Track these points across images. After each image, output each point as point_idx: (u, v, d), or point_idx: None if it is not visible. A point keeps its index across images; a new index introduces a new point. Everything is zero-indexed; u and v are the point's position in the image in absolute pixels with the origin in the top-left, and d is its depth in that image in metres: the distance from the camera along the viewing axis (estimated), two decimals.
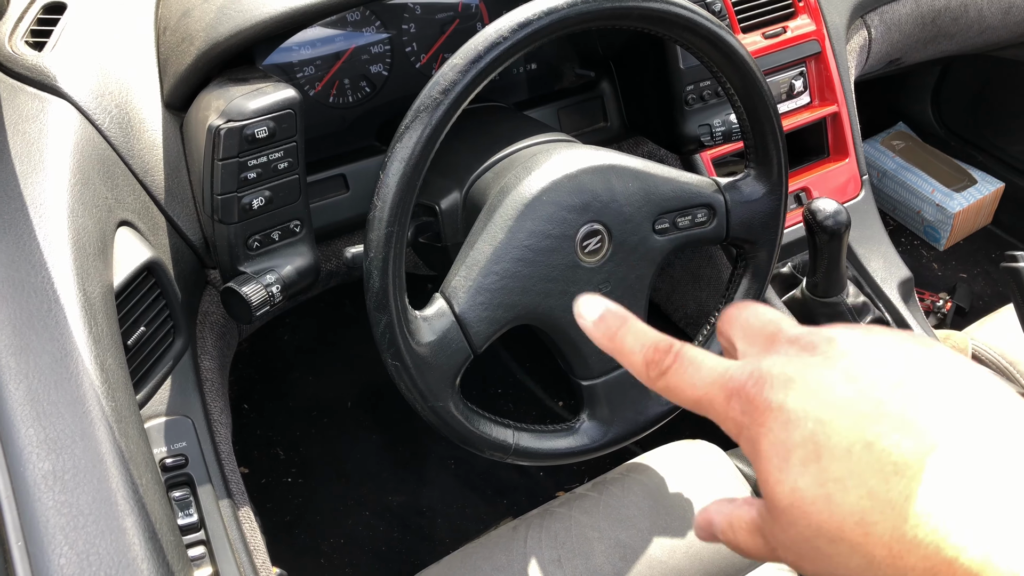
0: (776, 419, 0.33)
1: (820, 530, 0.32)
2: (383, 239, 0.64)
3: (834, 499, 0.31)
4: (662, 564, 0.86)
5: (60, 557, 0.46)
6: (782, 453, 0.32)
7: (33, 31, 0.80)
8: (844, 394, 0.32)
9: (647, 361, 0.38)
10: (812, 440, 0.32)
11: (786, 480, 0.32)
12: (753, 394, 0.34)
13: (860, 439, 0.30)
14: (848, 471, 0.30)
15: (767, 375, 0.34)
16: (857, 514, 0.30)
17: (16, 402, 0.51)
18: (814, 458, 0.31)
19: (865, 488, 0.30)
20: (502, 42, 0.64)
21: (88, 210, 0.67)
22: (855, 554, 0.31)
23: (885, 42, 1.30)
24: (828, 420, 0.31)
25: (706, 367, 0.36)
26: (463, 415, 0.71)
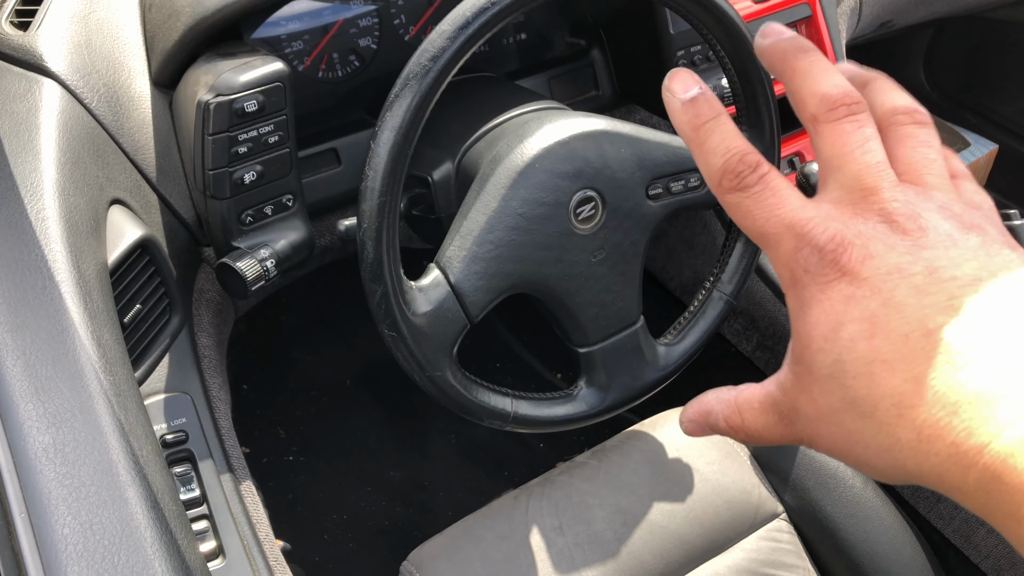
0: (841, 290, 0.32)
1: (853, 404, 0.31)
2: (376, 209, 0.64)
3: (877, 378, 0.30)
4: (662, 528, 0.87)
5: (64, 527, 0.46)
6: (834, 323, 0.32)
7: (18, 11, 0.80)
8: (919, 283, 0.31)
9: (727, 168, 0.35)
10: (871, 319, 0.31)
11: (831, 350, 0.32)
12: (829, 256, 0.32)
13: (921, 328, 0.30)
14: (900, 355, 0.30)
15: (850, 243, 0.32)
16: (896, 395, 0.30)
17: (14, 378, 0.51)
18: (867, 335, 0.31)
19: (912, 373, 0.30)
20: (490, 7, 0.63)
21: (79, 189, 0.67)
22: (881, 433, 0.31)
23: (876, 4, 1.29)
24: (894, 304, 0.31)
25: (789, 204, 0.34)
26: (461, 384, 0.72)
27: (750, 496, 0.91)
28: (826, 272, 0.32)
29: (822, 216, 0.33)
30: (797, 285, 0.34)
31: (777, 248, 0.34)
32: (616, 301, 0.77)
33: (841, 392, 0.32)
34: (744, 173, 0.34)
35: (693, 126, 0.36)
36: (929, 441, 0.29)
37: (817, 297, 0.33)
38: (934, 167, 0.35)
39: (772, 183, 0.34)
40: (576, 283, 0.74)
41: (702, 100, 0.36)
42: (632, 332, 0.79)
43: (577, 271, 0.74)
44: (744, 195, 0.34)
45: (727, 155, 0.35)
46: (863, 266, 0.32)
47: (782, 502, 0.92)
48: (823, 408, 0.33)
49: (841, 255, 0.32)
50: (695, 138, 0.36)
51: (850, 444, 0.32)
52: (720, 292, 0.84)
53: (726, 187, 0.35)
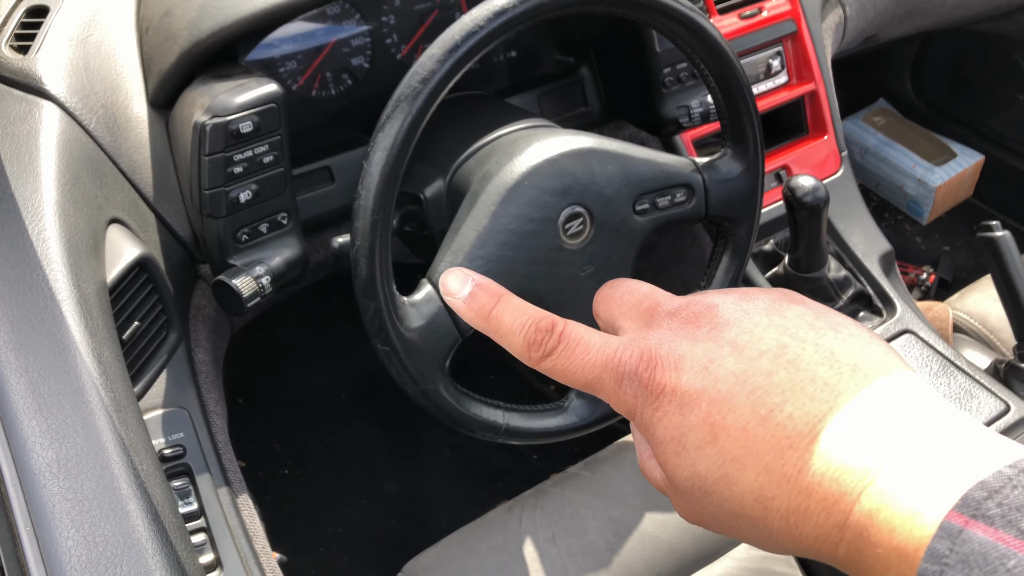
0: (671, 402, 0.32)
1: (722, 507, 0.32)
2: (369, 227, 0.65)
3: (733, 479, 0.31)
4: (654, 539, 0.89)
5: (67, 540, 0.47)
6: (678, 437, 0.32)
7: (17, 35, 0.81)
8: (733, 368, 0.31)
9: (529, 342, 0.36)
10: (707, 421, 0.31)
11: (684, 464, 0.32)
12: (646, 378, 0.33)
13: (755, 415, 0.31)
14: (745, 449, 0.31)
15: (656, 356, 0.33)
16: (756, 491, 0.31)
17: (17, 395, 0.53)
18: (711, 440, 0.31)
19: (762, 464, 0.30)
20: (479, 30, 0.65)
21: (79, 209, 0.69)
22: (756, 527, 0.31)
23: (860, 19, 1.32)
24: (722, 399, 0.31)
25: (594, 348, 0.35)
26: (454, 397, 0.73)
27: None
28: (651, 393, 0.33)
29: (625, 342, 0.34)
30: (635, 414, 0.34)
31: (603, 389, 0.35)
32: None
33: (707, 499, 0.32)
34: (543, 340, 0.36)
35: (482, 317, 0.38)
36: (796, 526, 0.30)
37: (655, 418, 0.33)
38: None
39: (571, 336, 0.36)
40: (566, 297, 0.76)
41: (479, 291, 0.38)
42: None
43: (567, 285, 0.76)
44: (555, 359, 0.36)
45: (523, 330, 0.37)
46: (679, 373, 0.32)
47: None
48: (700, 512, 0.34)
49: (655, 370, 0.33)
50: (489, 327, 0.38)
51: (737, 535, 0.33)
52: None
53: (536, 358, 0.36)
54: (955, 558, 0.25)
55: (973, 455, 0.27)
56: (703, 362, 0.32)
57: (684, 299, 0.35)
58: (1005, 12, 1.58)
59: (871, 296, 1.11)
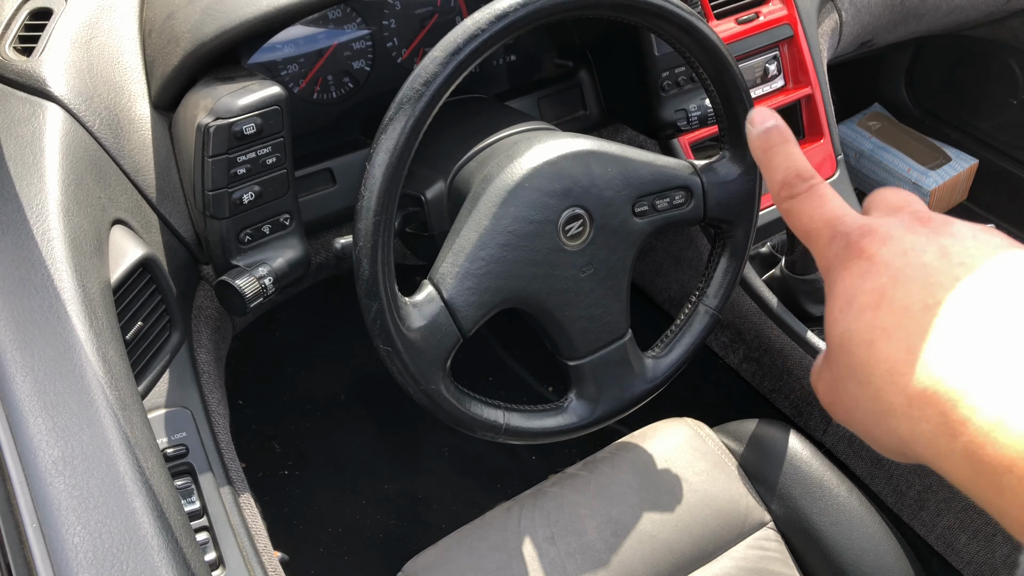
0: (859, 266, 0.35)
1: (855, 371, 0.34)
2: (371, 228, 0.66)
3: (875, 346, 0.33)
4: (652, 538, 0.89)
5: (73, 536, 0.48)
6: (849, 296, 0.35)
7: (21, 37, 0.82)
8: (929, 261, 0.33)
9: (784, 181, 0.40)
10: (879, 291, 0.34)
11: (842, 321, 0.35)
12: (854, 240, 0.36)
13: (922, 301, 0.32)
14: (898, 325, 0.32)
15: (873, 228, 0.36)
16: (890, 362, 0.32)
17: (24, 394, 0.53)
18: (873, 306, 0.34)
19: (908, 342, 0.32)
20: (480, 34, 0.66)
21: (83, 209, 0.69)
22: (877, 399, 0.33)
23: (856, 24, 1.33)
24: (902, 278, 0.33)
25: (830, 205, 0.39)
26: (454, 397, 0.74)
27: (738, 505, 0.93)
28: (850, 253, 0.36)
29: (855, 214, 0.38)
30: (829, 270, 0.37)
31: (817, 241, 0.38)
32: (604, 315, 0.79)
33: (846, 359, 0.34)
34: (795, 184, 0.40)
35: (763, 149, 0.42)
36: (919, 407, 0.31)
37: (840, 275, 0.36)
38: None
39: (818, 190, 0.39)
40: (565, 298, 0.77)
41: (774, 130, 0.42)
42: (620, 345, 0.81)
43: (566, 286, 0.76)
44: (795, 201, 0.40)
45: (786, 171, 0.41)
46: (883, 247, 0.35)
47: (769, 511, 0.94)
48: (835, 375, 0.36)
49: (863, 238, 0.36)
50: (764, 159, 0.42)
51: (853, 411, 0.35)
52: (706, 306, 0.86)
53: (783, 196, 0.40)
54: None
55: None
56: (906, 246, 0.34)
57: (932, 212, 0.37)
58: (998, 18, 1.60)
59: None
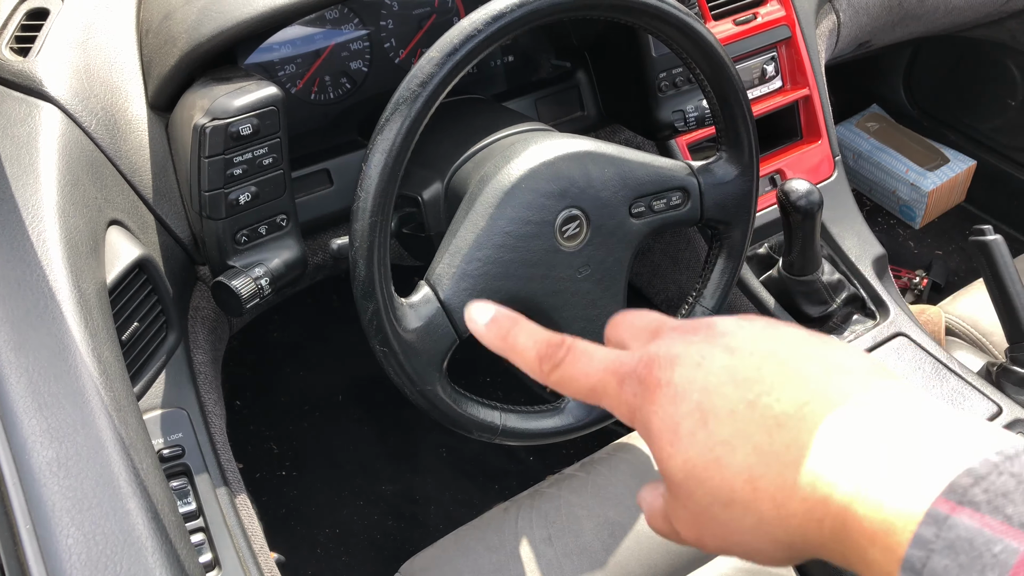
0: (664, 395, 0.34)
1: (714, 495, 0.33)
2: (367, 228, 0.66)
3: (723, 461, 0.32)
4: (650, 539, 0.89)
5: (67, 538, 0.48)
6: (671, 427, 0.34)
7: (17, 37, 0.82)
8: (725, 363, 0.34)
9: (540, 356, 0.39)
10: (698, 409, 0.33)
11: (677, 453, 0.33)
12: (643, 375, 0.35)
13: (743, 400, 0.32)
14: (734, 431, 0.32)
15: (655, 356, 0.36)
16: (745, 471, 0.31)
17: (18, 394, 0.53)
18: (701, 425, 0.33)
19: (751, 444, 0.31)
20: (477, 35, 0.66)
21: (79, 210, 0.69)
22: (747, 513, 0.32)
23: (854, 25, 1.33)
24: (712, 388, 0.33)
25: (598, 356, 0.38)
26: (451, 398, 0.74)
27: None
28: (648, 388, 0.35)
29: (628, 352, 0.37)
30: (635, 413, 0.36)
31: (606, 393, 0.37)
32: (601, 316, 0.79)
33: (700, 488, 0.33)
34: (553, 353, 0.39)
35: (501, 338, 0.41)
36: (785, 505, 0.31)
37: (650, 411, 0.35)
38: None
39: (577, 348, 0.39)
40: (562, 299, 0.77)
41: (500, 317, 0.41)
42: None
43: (563, 287, 0.76)
44: (563, 369, 0.39)
45: (536, 345, 0.39)
46: (675, 369, 0.35)
47: None
48: (694, 510, 0.34)
49: (652, 369, 0.35)
50: (506, 347, 0.41)
51: (726, 538, 0.34)
52: (703, 307, 0.86)
53: (547, 371, 0.39)
54: (941, 544, 0.25)
55: (961, 443, 0.28)
56: (696, 359, 0.34)
57: (687, 320, 0.38)
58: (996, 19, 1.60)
59: (864, 299, 1.12)
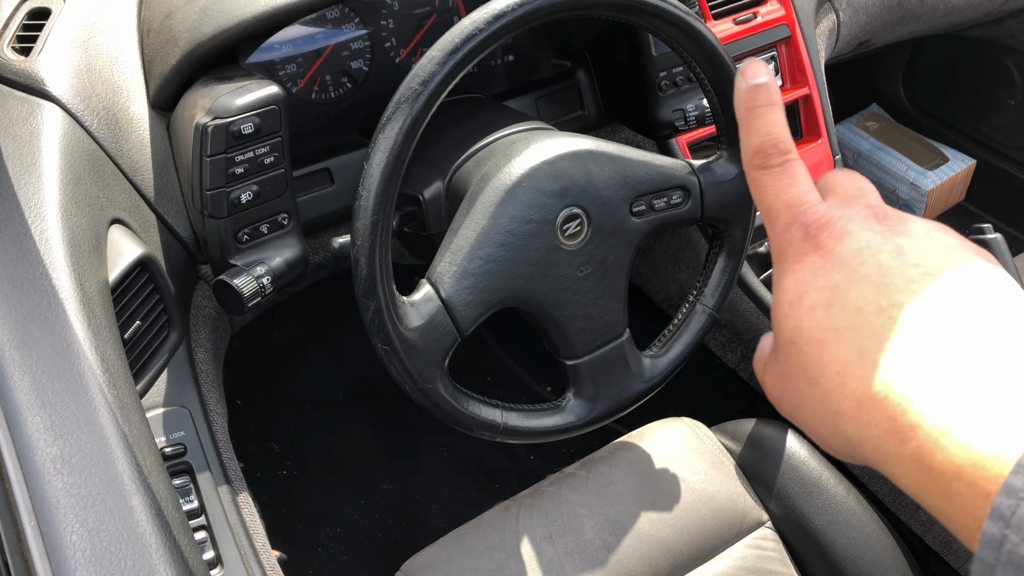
0: (814, 261, 0.35)
1: (805, 369, 0.33)
2: (369, 227, 0.66)
3: (827, 345, 0.33)
4: (650, 537, 0.89)
5: (72, 535, 0.48)
6: (799, 291, 0.34)
7: (19, 37, 0.82)
8: (884, 261, 0.33)
9: (760, 149, 0.39)
10: (832, 289, 0.33)
11: (792, 316, 0.34)
12: (812, 232, 0.35)
13: (875, 303, 0.32)
14: (851, 326, 0.32)
15: (833, 221, 0.35)
16: (841, 364, 0.32)
17: (22, 392, 0.53)
18: (825, 304, 0.33)
19: (858, 344, 0.32)
20: (478, 34, 0.66)
21: (81, 209, 0.69)
22: (826, 399, 0.32)
23: (853, 25, 1.33)
24: (857, 278, 0.33)
25: (797, 188, 0.37)
26: (452, 396, 0.74)
27: (736, 505, 0.93)
28: (805, 246, 0.35)
29: (821, 203, 0.37)
30: (781, 257, 0.37)
31: (775, 223, 0.37)
32: (602, 314, 0.79)
33: (797, 357, 0.34)
34: (771, 155, 0.38)
35: (747, 107, 0.40)
36: (868, 411, 0.31)
37: (792, 268, 0.35)
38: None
39: (791, 168, 0.38)
40: (563, 297, 0.77)
41: (763, 88, 0.40)
42: (618, 344, 0.81)
43: (564, 286, 0.76)
44: (765, 172, 0.38)
45: (764, 138, 0.39)
46: (839, 243, 0.34)
47: (767, 510, 0.94)
48: (784, 371, 0.35)
49: (821, 232, 0.35)
50: (745, 117, 0.40)
51: (800, 409, 0.34)
52: (703, 305, 0.86)
53: (754, 164, 0.39)
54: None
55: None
56: (861, 244, 0.34)
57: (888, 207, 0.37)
58: (996, 18, 1.60)
59: None
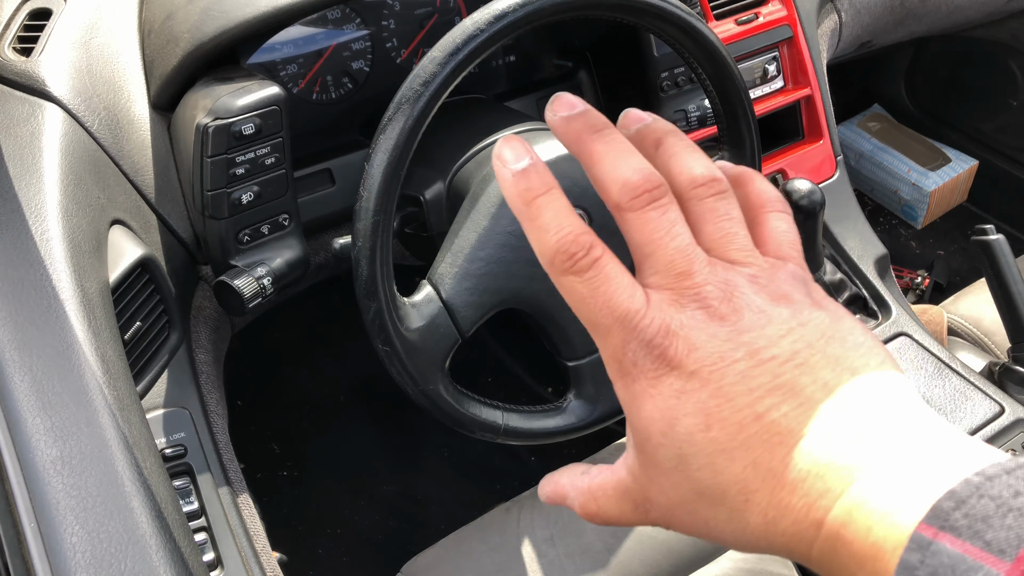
0: (672, 384, 0.32)
1: (702, 494, 0.32)
2: (370, 228, 0.66)
3: (719, 467, 0.31)
4: (651, 539, 0.89)
5: (72, 536, 0.48)
6: (668, 418, 0.32)
7: (20, 37, 0.82)
8: (742, 369, 0.31)
9: (560, 249, 0.34)
10: (704, 411, 0.31)
11: (671, 445, 0.32)
12: (657, 348, 0.32)
13: (752, 413, 0.31)
14: (737, 443, 0.31)
15: (675, 334, 0.32)
16: (740, 483, 0.31)
17: (22, 393, 0.53)
18: (703, 428, 0.31)
19: (751, 458, 0.30)
20: (479, 34, 0.66)
21: (82, 209, 0.69)
22: (733, 519, 0.31)
23: (855, 25, 1.33)
24: (723, 393, 0.31)
25: (621, 295, 0.33)
26: (453, 398, 0.74)
27: None
28: (656, 367, 0.32)
29: (652, 307, 0.33)
30: (627, 378, 0.33)
31: (606, 339, 0.34)
32: None
33: (688, 484, 0.32)
34: (578, 255, 0.33)
35: (524, 200, 0.34)
36: (775, 522, 0.30)
37: (649, 392, 0.33)
38: (737, 240, 0.35)
39: (605, 268, 0.33)
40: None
41: (533, 172, 0.35)
42: None
43: None
44: (577, 279, 0.34)
45: (560, 233, 0.34)
46: (689, 359, 0.32)
47: None
48: (674, 499, 0.33)
49: (667, 348, 0.32)
50: (526, 212, 0.35)
51: (706, 529, 0.33)
52: None
53: (559, 268, 0.34)
54: (926, 571, 0.25)
55: (947, 462, 0.28)
56: (715, 358, 0.32)
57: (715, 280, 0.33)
58: (998, 19, 1.60)
59: (867, 299, 1.12)
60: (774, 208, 0.38)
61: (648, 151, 0.37)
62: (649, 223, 0.34)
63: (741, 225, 0.36)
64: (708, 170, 0.36)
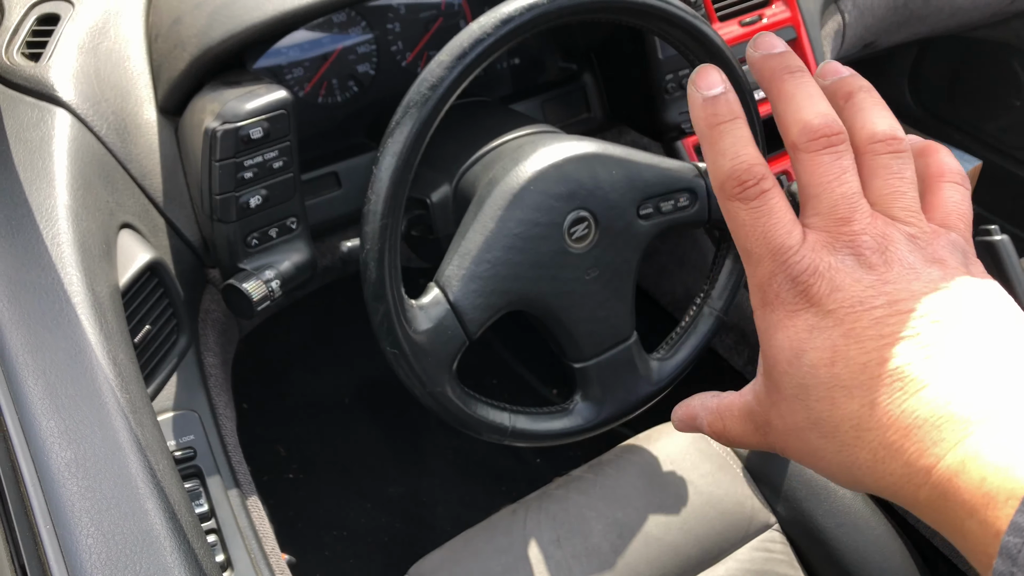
0: (807, 319, 0.34)
1: (816, 425, 0.33)
2: (378, 231, 0.66)
3: (837, 402, 0.32)
4: (658, 541, 0.89)
5: (87, 538, 0.48)
6: (796, 349, 0.34)
7: (29, 43, 0.82)
8: (879, 316, 0.32)
9: (733, 175, 0.35)
10: (832, 348, 0.33)
11: (795, 374, 0.34)
12: (801, 284, 0.34)
13: (878, 357, 0.32)
14: (857, 382, 0.32)
15: (821, 274, 0.34)
16: (855, 419, 0.32)
17: (35, 396, 0.54)
18: (829, 363, 0.33)
19: (868, 398, 0.31)
20: (486, 38, 0.66)
21: (91, 214, 0.70)
22: (842, 452, 0.33)
23: (859, 26, 1.33)
24: (855, 334, 0.32)
25: (779, 229, 0.35)
26: (460, 399, 0.74)
27: (743, 507, 0.93)
28: (795, 301, 0.34)
29: (808, 245, 0.35)
30: (767, 307, 0.35)
31: (756, 267, 0.35)
32: (609, 317, 0.79)
33: (805, 412, 0.34)
34: (748, 183, 0.35)
35: (709, 124, 0.36)
36: (884, 461, 0.31)
37: (784, 323, 0.34)
38: (904, 199, 0.36)
39: (771, 202, 0.35)
40: (571, 300, 0.77)
41: (722, 100, 0.36)
42: (626, 347, 0.81)
43: (571, 288, 0.77)
44: (742, 206, 0.35)
45: (735, 160, 0.35)
46: (829, 298, 0.33)
47: (774, 513, 0.94)
48: (790, 424, 0.35)
49: (811, 286, 0.34)
50: (708, 136, 0.36)
51: (814, 458, 0.34)
52: (710, 308, 0.86)
53: (728, 192, 0.36)
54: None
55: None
56: (854, 301, 0.33)
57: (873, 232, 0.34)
58: (1002, 19, 1.60)
59: None
60: (952, 179, 0.38)
61: (838, 103, 0.38)
62: (821, 166, 0.35)
63: (911, 186, 0.36)
64: (891, 128, 0.37)
